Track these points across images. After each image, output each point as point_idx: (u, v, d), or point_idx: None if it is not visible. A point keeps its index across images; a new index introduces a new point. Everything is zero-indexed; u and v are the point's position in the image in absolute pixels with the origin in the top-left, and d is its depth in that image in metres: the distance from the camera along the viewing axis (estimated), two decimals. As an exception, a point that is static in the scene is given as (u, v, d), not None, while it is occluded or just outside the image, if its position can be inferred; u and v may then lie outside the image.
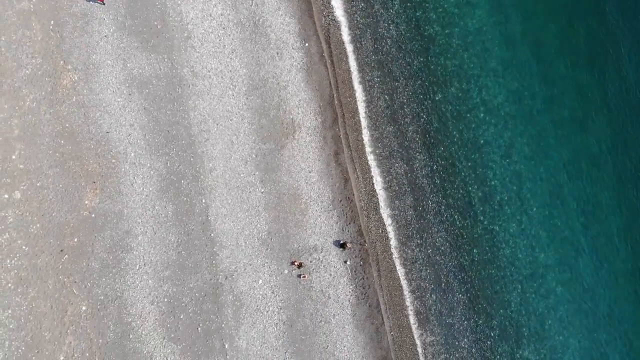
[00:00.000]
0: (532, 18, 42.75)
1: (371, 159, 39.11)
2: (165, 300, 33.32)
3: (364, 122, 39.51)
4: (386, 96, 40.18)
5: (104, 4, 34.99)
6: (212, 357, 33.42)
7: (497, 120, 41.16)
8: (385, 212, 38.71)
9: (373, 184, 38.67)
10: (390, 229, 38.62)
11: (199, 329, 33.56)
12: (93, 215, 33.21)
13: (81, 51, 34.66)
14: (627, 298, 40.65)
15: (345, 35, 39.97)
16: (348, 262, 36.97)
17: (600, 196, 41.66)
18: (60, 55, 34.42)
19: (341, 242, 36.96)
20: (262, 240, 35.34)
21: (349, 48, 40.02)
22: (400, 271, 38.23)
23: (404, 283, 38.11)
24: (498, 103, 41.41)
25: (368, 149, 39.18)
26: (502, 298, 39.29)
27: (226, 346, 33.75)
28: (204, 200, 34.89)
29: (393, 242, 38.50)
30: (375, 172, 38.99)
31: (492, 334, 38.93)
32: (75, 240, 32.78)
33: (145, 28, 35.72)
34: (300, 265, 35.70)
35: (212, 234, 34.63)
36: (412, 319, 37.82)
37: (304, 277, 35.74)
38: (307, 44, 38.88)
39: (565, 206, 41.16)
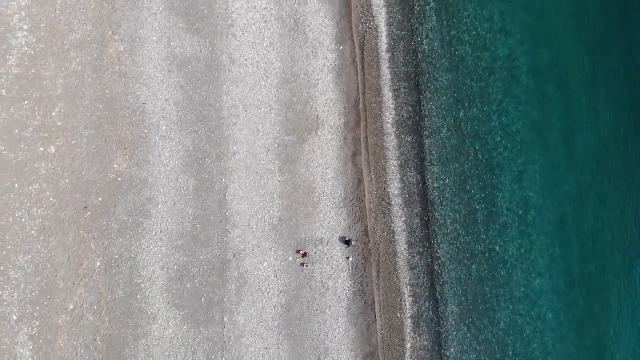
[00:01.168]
0: (562, 52, 43.94)
1: (387, 165, 40.68)
2: (175, 268, 35.25)
3: (385, 129, 41.07)
4: (410, 107, 41.70)
5: None
6: (211, 327, 35.30)
7: (513, 145, 42.46)
8: (392, 217, 40.25)
9: (385, 188, 40.25)
10: (395, 234, 40.14)
11: (203, 299, 35.44)
12: (120, 179, 35.23)
13: (130, 24, 36.67)
14: (614, 336, 41.76)
15: (380, 44, 41.59)
16: (350, 259, 38.64)
17: (602, 234, 42.77)
18: (110, 26, 36.44)
19: (347, 238, 38.63)
20: (272, 226, 37.15)
21: (381, 57, 41.60)
22: (399, 275, 39.76)
23: (400, 287, 39.65)
24: (516, 129, 42.69)
25: (385, 155, 40.75)
26: (493, 316, 40.64)
27: (225, 319, 35.61)
28: (224, 180, 36.80)
29: (396, 247, 40.03)
30: (389, 177, 40.54)
31: (478, 348, 40.32)
32: (100, 199, 34.81)
33: (192, 11, 37.69)
34: (305, 255, 37.42)
35: (227, 213, 36.51)
36: (403, 322, 39.36)
37: (307, 266, 37.48)
38: (341, 47, 40.62)
39: (567, 238, 42.32)
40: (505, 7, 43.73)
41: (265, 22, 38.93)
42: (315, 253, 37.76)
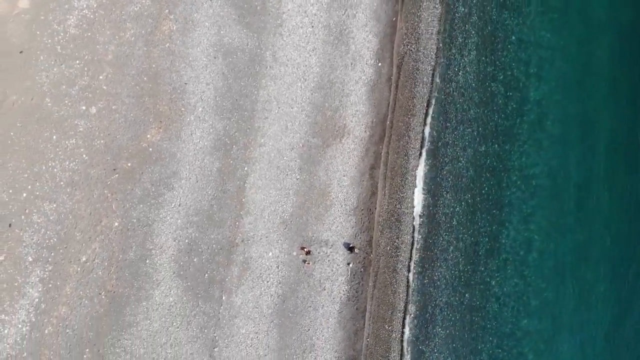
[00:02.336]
0: (591, 106, 44.93)
1: (402, 183, 41.97)
2: (186, 241, 37.08)
3: (407, 149, 42.36)
4: (434, 132, 43.03)
5: None
6: (209, 303, 37.02)
7: (526, 187, 43.44)
8: (398, 234, 41.46)
9: (396, 205, 41.62)
10: (397, 250, 41.42)
11: (206, 275, 37.22)
12: (150, 149, 37.20)
13: (186, 6, 38.68)
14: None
15: (417, 67, 42.90)
16: (350, 265, 40.18)
17: (598, 287, 43.61)
18: (167, 4, 38.47)
19: (350, 245, 40.15)
20: (283, 220, 38.84)
21: (416, 79, 42.88)
22: (394, 289, 41.01)
23: (393, 301, 40.90)
24: (533, 173, 43.68)
25: (402, 173, 42.09)
26: (476, 346, 41.68)
27: (223, 298, 37.33)
28: (246, 168, 38.60)
29: (396, 262, 41.24)
30: (401, 195, 41.86)
31: (457, 374, 41.55)
32: (129, 164, 36.80)
33: (246, 5, 39.63)
34: (308, 253, 39.02)
35: (243, 199, 38.30)
36: (389, 334, 40.64)
37: (308, 264, 39.09)
38: (380, 64, 42.27)
39: (563, 285, 43.17)
40: (544, 54, 44.84)
41: (313, 27, 40.74)
42: (319, 253, 39.36)
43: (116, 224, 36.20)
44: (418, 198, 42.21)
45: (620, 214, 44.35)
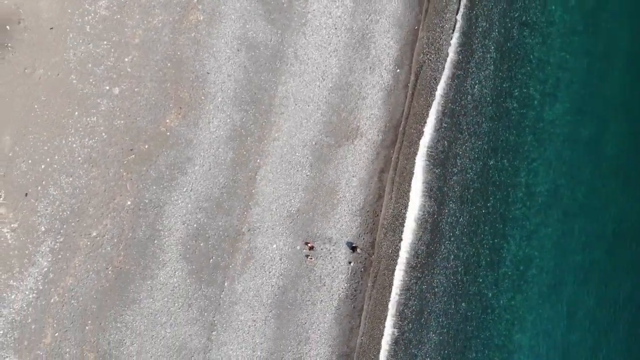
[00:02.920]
0: (604, 132, 45.33)
1: (409, 189, 42.68)
2: (195, 225, 38.01)
3: (417, 156, 43.11)
4: (446, 142, 43.62)
5: None
6: (211, 287, 37.89)
7: (532, 204, 43.87)
8: (401, 238, 42.21)
9: (401, 209, 42.29)
10: (399, 254, 42.16)
11: (211, 260, 38.11)
12: (168, 134, 38.20)
13: (214, -2, 39.85)
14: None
15: (434, 77, 43.60)
16: (352, 264, 40.95)
17: (595, 311, 44.00)
18: (196, -5, 39.66)
19: (353, 244, 40.91)
20: (290, 214, 39.69)
21: (432, 89, 43.58)
22: (392, 292, 41.76)
23: (390, 302, 41.71)
24: (539, 190, 44.11)
25: (410, 179, 42.78)
26: (468, 355, 42.19)
27: (225, 284, 38.22)
28: (258, 160, 39.50)
29: (396, 265, 42.00)
30: (407, 201, 42.53)
31: (446, 380, 42.14)
32: (146, 146, 37.78)
33: (273, 1, 40.52)
34: (311, 248, 39.83)
35: (253, 190, 39.19)
36: (384, 335, 41.33)
37: (311, 259, 39.92)
38: (398, 70, 43.04)
39: (558, 304, 43.54)
40: (562, 75, 45.27)
41: (336, 29, 41.59)
42: (321, 249, 40.17)
43: (129, 202, 37.21)
44: (424, 205, 42.86)
45: (622, 240, 44.71)
